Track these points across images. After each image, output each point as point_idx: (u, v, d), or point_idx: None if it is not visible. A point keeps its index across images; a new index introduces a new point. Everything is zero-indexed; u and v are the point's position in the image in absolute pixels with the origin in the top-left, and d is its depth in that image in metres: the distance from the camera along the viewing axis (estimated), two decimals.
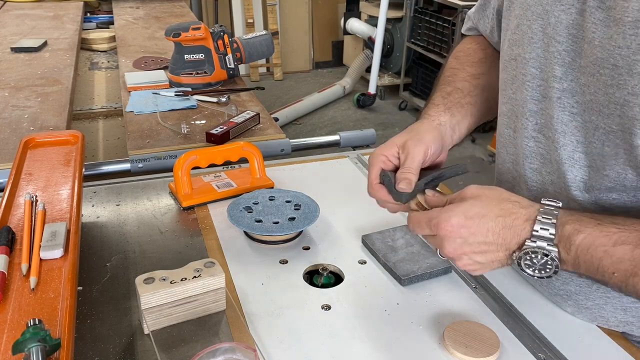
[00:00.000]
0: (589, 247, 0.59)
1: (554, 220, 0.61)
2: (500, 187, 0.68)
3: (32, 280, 0.66)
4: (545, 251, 0.61)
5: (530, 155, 0.73)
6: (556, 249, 0.61)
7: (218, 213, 0.96)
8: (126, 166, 1.19)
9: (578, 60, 0.64)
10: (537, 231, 0.61)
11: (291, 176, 1.10)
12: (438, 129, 0.79)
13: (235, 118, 1.31)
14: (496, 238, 0.63)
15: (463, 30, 0.98)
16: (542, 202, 0.63)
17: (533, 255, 0.61)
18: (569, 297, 0.74)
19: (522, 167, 0.75)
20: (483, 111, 0.86)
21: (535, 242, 0.61)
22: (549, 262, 0.61)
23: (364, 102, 4.31)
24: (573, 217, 0.61)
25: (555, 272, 0.62)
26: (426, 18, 3.93)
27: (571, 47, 0.65)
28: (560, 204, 0.63)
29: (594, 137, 0.65)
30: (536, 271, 0.62)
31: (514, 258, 0.63)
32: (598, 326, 0.73)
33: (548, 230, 0.61)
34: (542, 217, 0.62)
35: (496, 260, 0.64)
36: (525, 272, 0.62)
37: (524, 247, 0.61)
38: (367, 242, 0.87)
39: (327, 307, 0.74)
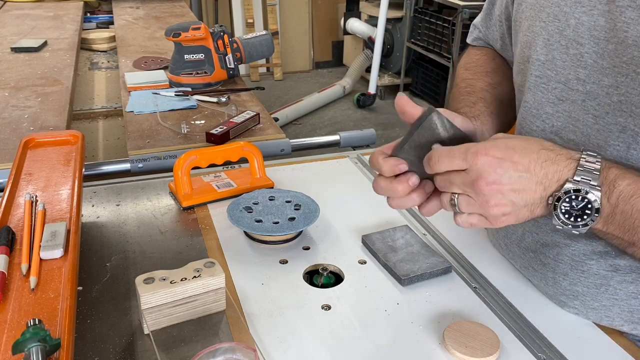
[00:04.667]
0: (632, 195, 0.57)
1: (599, 163, 0.58)
2: None
3: (32, 280, 0.66)
4: (588, 191, 0.57)
5: None
6: (599, 192, 0.57)
7: (218, 213, 0.96)
8: (126, 166, 1.19)
9: (600, 62, 0.63)
10: (581, 170, 0.57)
11: (291, 176, 1.10)
12: (470, 124, 0.75)
13: (235, 118, 1.31)
14: (538, 170, 0.58)
15: (469, 40, 0.97)
16: (582, 149, 0.60)
17: (574, 197, 0.57)
18: (575, 298, 0.73)
19: None
20: (504, 122, 0.83)
21: (578, 182, 0.57)
22: (589, 208, 0.58)
23: (364, 102, 4.31)
24: (618, 164, 0.59)
25: (592, 221, 0.58)
26: (426, 18, 3.94)
27: (593, 49, 0.64)
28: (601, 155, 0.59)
29: (617, 140, 0.63)
30: (572, 218, 0.58)
31: (550, 202, 0.59)
32: (600, 325, 0.73)
33: (592, 171, 0.57)
34: (587, 157, 0.58)
35: (529, 204, 0.60)
36: (560, 218, 0.59)
37: (565, 187, 0.58)
38: (367, 242, 0.87)
39: (327, 307, 0.74)
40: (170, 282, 0.68)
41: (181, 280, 0.69)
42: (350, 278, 0.80)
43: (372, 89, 4.30)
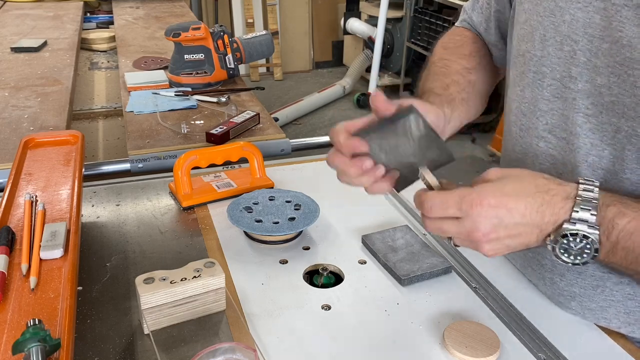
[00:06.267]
0: (632, 233, 0.56)
1: (596, 201, 0.56)
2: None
3: (32, 280, 0.66)
4: (585, 234, 0.56)
5: (540, 156, 0.71)
6: (597, 232, 0.56)
7: (218, 213, 0.96)
8: (126, 166, 1.19)
9: (593, 61, 0.63)
10: (577, 211, 0.56)
11: (291, 176, 1.10)
12: (442, 117, 0.75)
13: (235, 118, 1.31)
14: (534, 217, 0.57)
15: (457, 23, 0.96)
16: (579, 180, 0.58)
17: (571, 239, 0.56)
18: (572, 299, 0.73)
19: (531, 167, 0.72)
20: (473, 110, 0.83)
21: (575, 223, 0.56)
22: (588, 247, 0.56)
23: (364, 102, 4.31)
24: (616, 199, 0.57)
25: (594, 258, 0.57)
26: (426, 18, 3.94)
27: (587, 46, 0.63)
28: (598, 183, 0.58)
29: (613, 140, 0.63)
30: (571, 257, 0.58)
31: (548, 242, 0.58)
32: (598, 326, 0.73)
33: (589, 210, 0.56)
34: (583, 196, 0.57)
35: (525, 244, 0.59)
36: (560, 258, 0.58)
37: (562, 229, 0.56)
38: (367, 242, 0.87)
39: (327, 307, 0.74)
40: (170, 282, 0.68)
41: (181, 280, 0.69)
42: (350, 278, 0.80)
43: (372, 89, 4.30)
